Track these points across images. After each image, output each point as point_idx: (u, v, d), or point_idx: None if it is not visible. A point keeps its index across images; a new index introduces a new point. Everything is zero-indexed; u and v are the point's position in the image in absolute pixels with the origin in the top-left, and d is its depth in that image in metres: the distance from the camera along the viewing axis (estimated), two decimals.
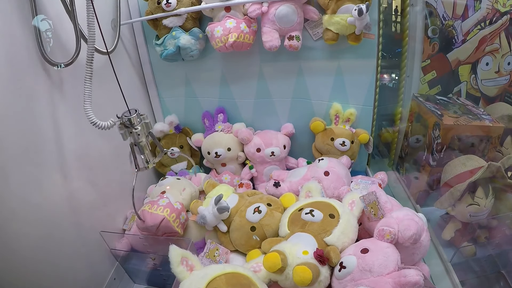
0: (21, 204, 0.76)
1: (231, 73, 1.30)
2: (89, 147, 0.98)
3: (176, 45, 1.14)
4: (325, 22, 1.10)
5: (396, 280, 0.68)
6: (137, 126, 0.86)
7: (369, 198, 0.91)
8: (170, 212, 0.99)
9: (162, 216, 0.97)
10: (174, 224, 0.99)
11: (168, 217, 0.98)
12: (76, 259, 0.94)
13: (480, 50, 1.29)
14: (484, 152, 1.10)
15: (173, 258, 0.70)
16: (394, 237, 0.78)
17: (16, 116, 0.74)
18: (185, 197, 1.11)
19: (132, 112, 0.85)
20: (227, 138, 1.31)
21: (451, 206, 1.06)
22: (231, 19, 1.11)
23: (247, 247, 0.97)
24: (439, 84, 1.38)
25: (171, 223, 0.98)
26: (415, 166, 1.32)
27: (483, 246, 1.01)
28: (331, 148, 1.27)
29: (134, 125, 0.85)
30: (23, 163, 0.76)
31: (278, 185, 1.16)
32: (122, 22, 1.13)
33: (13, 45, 0.73)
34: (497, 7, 1.23)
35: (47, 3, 0.81)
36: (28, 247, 0.78)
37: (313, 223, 0.88)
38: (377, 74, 1.23)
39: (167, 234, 1.01)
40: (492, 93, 1.36)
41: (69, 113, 0.90)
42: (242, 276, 0.72)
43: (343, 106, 1.28)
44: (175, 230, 0.99)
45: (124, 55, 1.23)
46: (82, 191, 0.96)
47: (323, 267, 0.77)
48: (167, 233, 1.00)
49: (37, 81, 0.80)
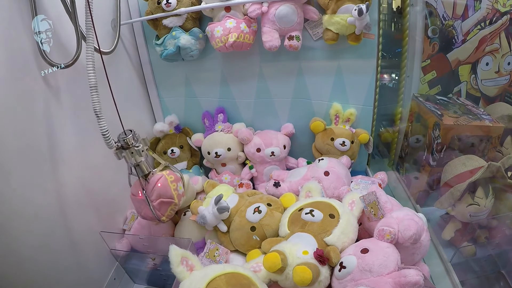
0: (21, 204, 0.76)
1: (231, 73, 1.30)
2: (89, 147, 0.98)
3: (176, 45, 1.14)
4: (325, 22, 1.10)
5: (396, 280, 0.68)
6: (138, 144, 0.85)
7: (369, 198, 0.91)
8: (169, 173, 0.96)
9: (161, 174, 0.94)
10: (172, 186, 0.95)
11: (166, 176, 0.95)
12: (76, 259, 0.93)
13: (480, 50, 1.29)
14: (484, 152, 1.10)
15: (173, 258, 0.70)
16: (394, 237, 0.78)
17: (16, 116, 0.74)
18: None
19: (127, 133, 0.85)
20: (227, 138, 1.31)
21: (451, 206, 1.06)
22: (231, 19, 1.11)
23: (247, 247, 0.97)
24: (439, 84, 1.38)
25: (168, 183, 0.94)
26: (415, 166, 1.32)
27: (483, 246, 1.01)
28: (331, 148, 1.27)
29: (133, 144, 0.84)
30: (23, 163, 0.76)
31: (278, 185, 1.16)
32: (122, 22, 1.13)
33: (13, 45, 0.73)
34: (497, 7, 1.23)
35: (47, 3, 0.81)
36: (28, 247, 0.78)
37: (313, 223, 0.88)
38: (377, 74, 1.23)
39: (162, 202, 0.94)
40: (492, 93, 1.36)
41: (69, 113, 0.90)
42: (242, 276, 0.72)
43: (343, 106, 1.28)
44: (171, 193, 0.94)
45: (124, 55, 1.23)
46: (82, 191, 0.96)
47: (323, 267, 0.77)
48: (162, 199, 0.93)
49: (37, 81, 0.80)
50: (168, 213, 0.97)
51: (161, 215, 0.95)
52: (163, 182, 0.93)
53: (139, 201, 0.94)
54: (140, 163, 0.88)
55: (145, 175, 0.91)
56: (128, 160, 0.86)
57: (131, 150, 0.84)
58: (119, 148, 0.83)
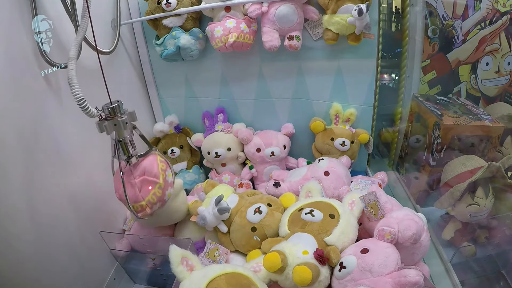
0: (21, 204, 0.76)
1: (231, 73, 1.30)
2: (89, 146, 0.98)
3: (176, 45, 1.14)
4: (325, 22, 1.10)
5: (396, 280, 0.68)
6: (123, 116, 0.77)
7: (369, 198, 0.91)
8: (160, 156, 0.90)
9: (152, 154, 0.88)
10: (160, 165, 0.87)
11: (158, 156, 0.88)
12: (76, 259, 0.94)
13: (480, 50, 1.29)
14: (484, 152, 1.10)
15: (173, 258, 0.70)
16: (394, 237, 0.78)
17: (16, 116, 0.74)
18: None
19: (114, 103, 0.76)
20: (227, 138, 1.31)
21: (451, 206, 1.06)
22: (231, 19, 1.11)
23: (248, 248, 0.97)
24: (439, 84, 1.38)
25: (157, 161, 0.87)
26: (415, 166, 1.32)
27: (483, 246, 1.01)
28: (331, 148, 1.27)
29: (117, 115, 0.76)
30: (23, 163, 0.76)
31: (278, 185, 1.16)
32: (122, 22, 1.13)
33: (13, 45, 0.73)
34: (497, 7, 1.23)
35: (47, 3, 0.81)
36: (28, 247, 0.78)
37: (313, 223, 0.88)
38: (377, 74, 1.23)
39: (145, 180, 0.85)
40: (492, 93, 1.36)
41: (69, 113, 0.90)
42: (242, 276, 0.72)
43: (343, 106, 1.28)
44: (157, 171, 0.85)
45: (124, 55, 1.23)
46: (82, 191, 0.96)
47: (323, 267, 0.77)
48: (146, 176, 0.85)
49: (37, 81, 0.80)
50: (150, 198, 0.84)
51: (142, 198, 0.83)
52: (151, 159, 0.86)
53: (118, 179, 0.83)
54: (124, 140, 0.80)
55: (128, 157, 0.82)
56: (109, 131, 0.77)
57: (114, 121, 0.76)
58: (102, 119, 0.75)
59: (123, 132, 0.79)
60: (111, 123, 0.76)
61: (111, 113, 0.76)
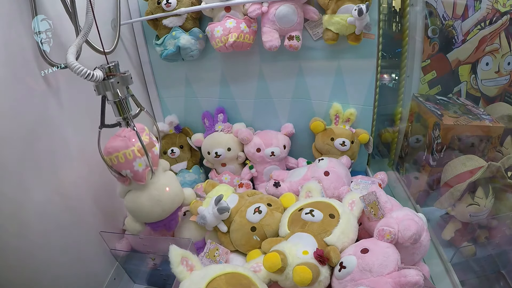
0: (21, 203, 0.76)
1: (231, 73, 1.30)
2: (89, 146, 0.97)
3: (176, 45, 1.14)
4: (325, 22, 1.10)
5: (396, 280, 0.68)
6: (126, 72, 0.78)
7: (369, 198, 0.91)
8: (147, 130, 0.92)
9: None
10: (144, 138, 0.88)
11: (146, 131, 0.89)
12: (76, 259, 0.93)
13: (480, 50, 1.29)
14: (484, 152, 1.10)
15: (173, 258, 0.70)
16: (394, 237, 0.78)
17: (16, 116, 0.74)
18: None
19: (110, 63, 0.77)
20: (227, 138, 1.31)
21: (451, 206, 1.06)
22: (231, 19, 1.11)
23: (248, 247, 0.97)
24: (439, 84, 1.38)
25: (144, 133, 0.89)
26: (415, 166, 1.32)
27: (483, 246, 1.01)
28: (331, 148, 1.27)
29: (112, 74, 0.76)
30: (23, 162, 0.76)
31: (278, 185, 1.16)
32: (122, 22, 1.13)
33: (13, 45, 0.73)
34: (497, 7, 1.22)
35: (47, 3, 0.81)
36: (28, 246, 0.78)
37: (313, 223, 0.88)
38: (377, 74, 1.23)
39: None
40: (492, 93, 1.36)
41: (69, 113, 0.90)
42: (242, 276, 0.72)
43: (343, 106, 1.28)
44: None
45: (124, 55, 1.23)
46: (82, 191, 0.96)
47: (323, 267, 0.77)
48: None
49: (37, 81, 0.80)
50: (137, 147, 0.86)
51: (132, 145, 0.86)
52: (139, 126, 0.86)
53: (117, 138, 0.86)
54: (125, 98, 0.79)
55: (123, 118, 0.81)
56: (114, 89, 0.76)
57: (117, 79, 0.76)
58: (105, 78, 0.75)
59: (124, 90, 0.80)
60: (115, 80, 0.77)
61: (112, 71, 0.77)
